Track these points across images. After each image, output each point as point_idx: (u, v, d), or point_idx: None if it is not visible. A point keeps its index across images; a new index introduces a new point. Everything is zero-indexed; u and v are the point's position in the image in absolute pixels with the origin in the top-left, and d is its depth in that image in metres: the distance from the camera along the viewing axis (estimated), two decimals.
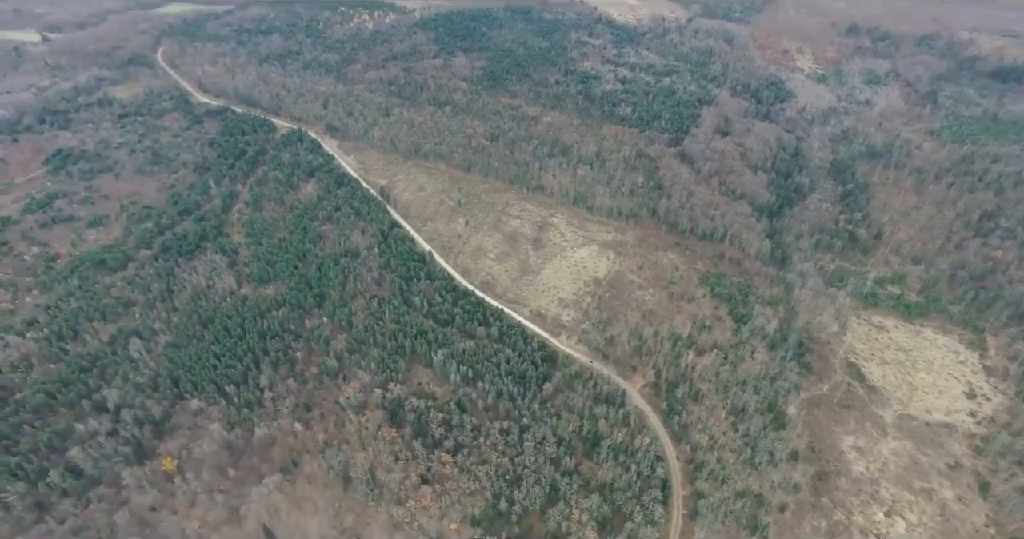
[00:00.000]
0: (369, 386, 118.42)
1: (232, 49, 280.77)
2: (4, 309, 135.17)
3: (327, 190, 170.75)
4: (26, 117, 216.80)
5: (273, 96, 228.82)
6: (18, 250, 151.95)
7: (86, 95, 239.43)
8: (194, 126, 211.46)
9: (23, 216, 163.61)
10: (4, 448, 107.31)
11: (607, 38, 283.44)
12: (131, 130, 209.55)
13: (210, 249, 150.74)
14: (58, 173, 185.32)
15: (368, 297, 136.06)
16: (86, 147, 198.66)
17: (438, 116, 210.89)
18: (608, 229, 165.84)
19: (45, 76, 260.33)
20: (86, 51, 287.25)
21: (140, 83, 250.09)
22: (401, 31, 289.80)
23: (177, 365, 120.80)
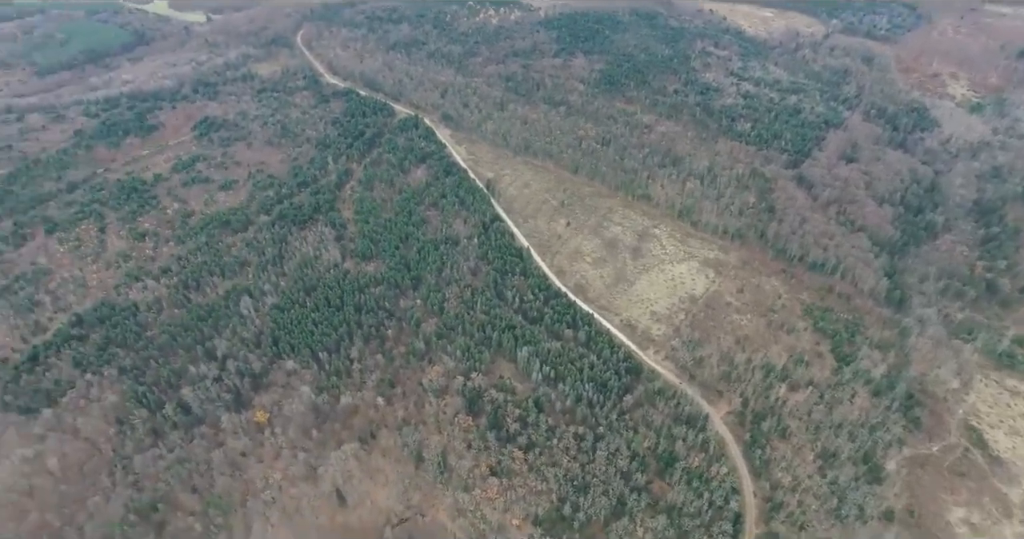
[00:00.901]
0: (452, 372, 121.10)
1: (363, 35, 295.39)
2: (147, 255, 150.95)
3: (436, 177, 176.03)
4: (184, 87, 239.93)
5: (395, 82, 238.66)
6: (163, 205, 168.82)
7: (233, 70, 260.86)
8: (321, 105, 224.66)
9: (171, 175, 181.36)
10: (134, 377, 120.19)
11: (733, 50, 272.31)
12: (266, 104, 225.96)
13: (321, 221, 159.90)
14: (202, 139, 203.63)
15: (462, 285, 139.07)
16: (227, 117, 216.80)
17: (551, 115, 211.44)
18: (711, 247, 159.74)
19: (204, 52, 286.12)
20: (239, 31, 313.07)
21: (279, 62, 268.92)
22: (524, 28, 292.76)
23: (279, 326, 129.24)
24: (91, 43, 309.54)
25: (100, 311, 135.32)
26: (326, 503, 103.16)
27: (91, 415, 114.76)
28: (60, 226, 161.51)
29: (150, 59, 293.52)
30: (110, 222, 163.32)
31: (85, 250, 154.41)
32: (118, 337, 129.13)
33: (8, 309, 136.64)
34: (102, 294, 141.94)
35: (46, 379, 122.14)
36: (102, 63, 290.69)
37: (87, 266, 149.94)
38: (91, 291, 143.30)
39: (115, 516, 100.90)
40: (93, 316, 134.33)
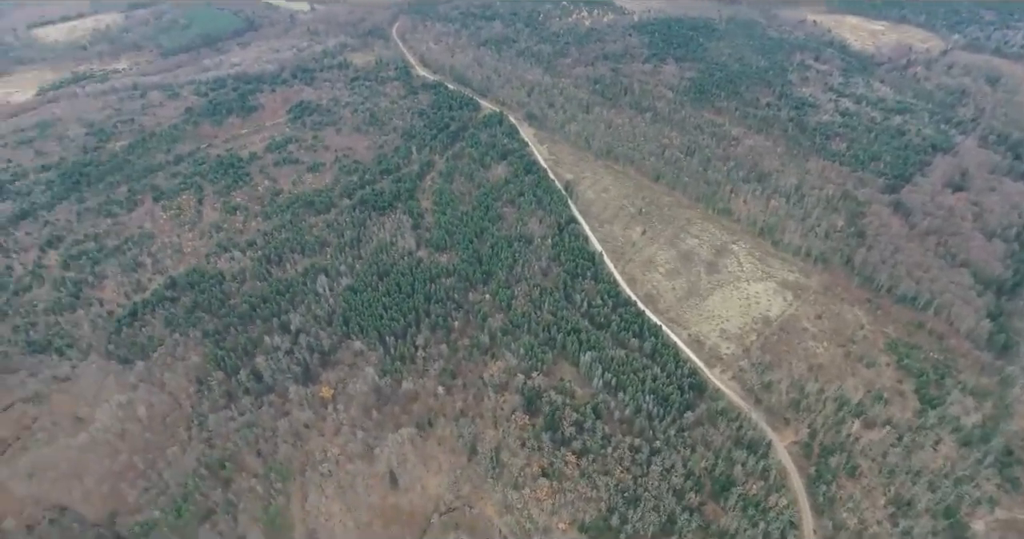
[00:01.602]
0: (513, 369, 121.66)
1: (456, 30, 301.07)
2: (236, 228, 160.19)
3: (515, 174, 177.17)
4: (284, 72, 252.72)
5: (483, 78, 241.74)
6: (255, 182, 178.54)
7: (330, 58, 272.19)
8: (409, 96, 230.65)
9: (264, 154, 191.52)
10: (215, 341, 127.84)
11: (835, 64, 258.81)
12: (358, 92, 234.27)
13: (400, 209, 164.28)
14: (296, 122, 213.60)
15: (532, 284, 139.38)
16: (321, 102, 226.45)
17: (636, 121, 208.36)
18: (791, 269, 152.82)
19: (305, 39, 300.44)
20: (338, 21, 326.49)
21: (374, 52, 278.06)
22: (616, 32, 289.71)
23: (351, 307, 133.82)
24: (208, 28, 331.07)
25: (191, 276, 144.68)
26: (379, 483, 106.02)
27: (176, 372, 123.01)
28: (165, 195, 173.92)
29: (256, 44, 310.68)
30: (207, 194, 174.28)
31: (184, 219, 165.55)
32: (204, 302, 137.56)
33: (117, 267, 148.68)
34: (194, 261, 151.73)
35: (142, 334, 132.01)
36: (215, 47, 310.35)
37: (184, 234, 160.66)
38: (186, 257, 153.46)
39: (189, 467, 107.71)
40: (185, 280, 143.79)
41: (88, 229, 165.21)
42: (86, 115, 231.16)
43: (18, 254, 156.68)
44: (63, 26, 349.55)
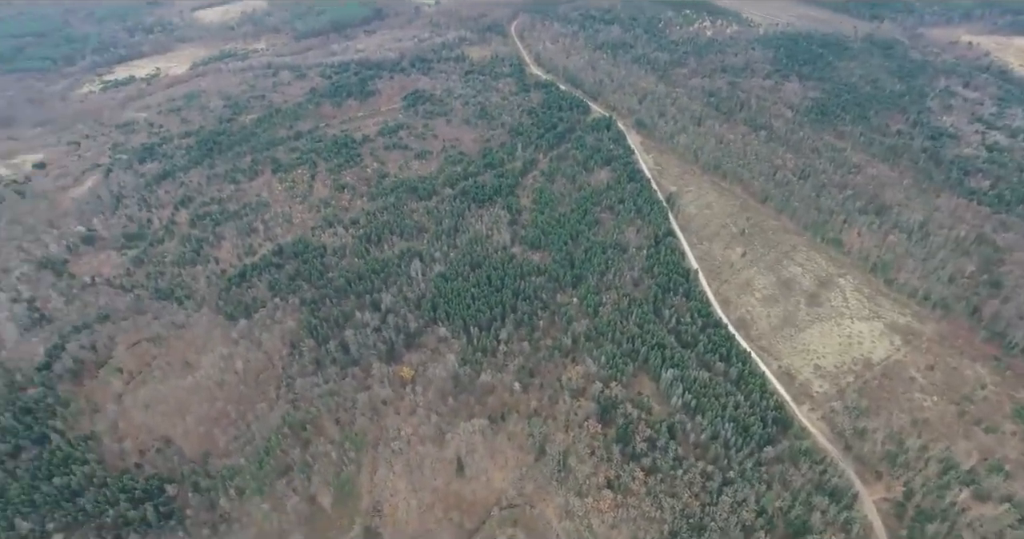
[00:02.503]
0: (592, 376, 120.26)
1: (573, 32, 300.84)
2: (342, 205, 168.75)
3: (617, 181, 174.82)
4: (404, 61, 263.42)
5: (596, 82, 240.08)
6: (365, 163, 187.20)
7: (448, 50, 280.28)
8: (521, 93, 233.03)
9: (376, 137, 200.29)
10: (311, 310, 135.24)
11: (988, 92, 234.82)
12: (471, 86, 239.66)
13: (499, 204, 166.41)
14: (409, 109, 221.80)
15: (621, 294, 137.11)
16: (434, 92, 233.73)
17: (749, 138, 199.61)
18: (904, 311, 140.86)
19: (427, 31, 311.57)
20: (460, 15, 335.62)
21: (490, 48, 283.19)
22: (739, 44, 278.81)
23: (440, 293, 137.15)
24: (339, 15, 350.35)
25: (297, 246, 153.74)
26: (446, 468, 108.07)
27: (273, 334, 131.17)
28: (283, 168, 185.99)
29: (381, 33, 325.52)
30: (320, 171, 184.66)
31: (296, 191, 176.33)
32: (305, 272, 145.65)
33: (234, 230, 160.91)
34: (301, 232, 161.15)
35: (247, 295, 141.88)
36: (344, 33, 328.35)
37: (295, 206, 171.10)
38: (294, 228, 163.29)
39: (274, 424, 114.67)
40: (291, 249, 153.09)
41: (214, 193, 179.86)
42: (226, 89, 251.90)
43: (157, 210, 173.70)
44: (219, 9, 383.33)
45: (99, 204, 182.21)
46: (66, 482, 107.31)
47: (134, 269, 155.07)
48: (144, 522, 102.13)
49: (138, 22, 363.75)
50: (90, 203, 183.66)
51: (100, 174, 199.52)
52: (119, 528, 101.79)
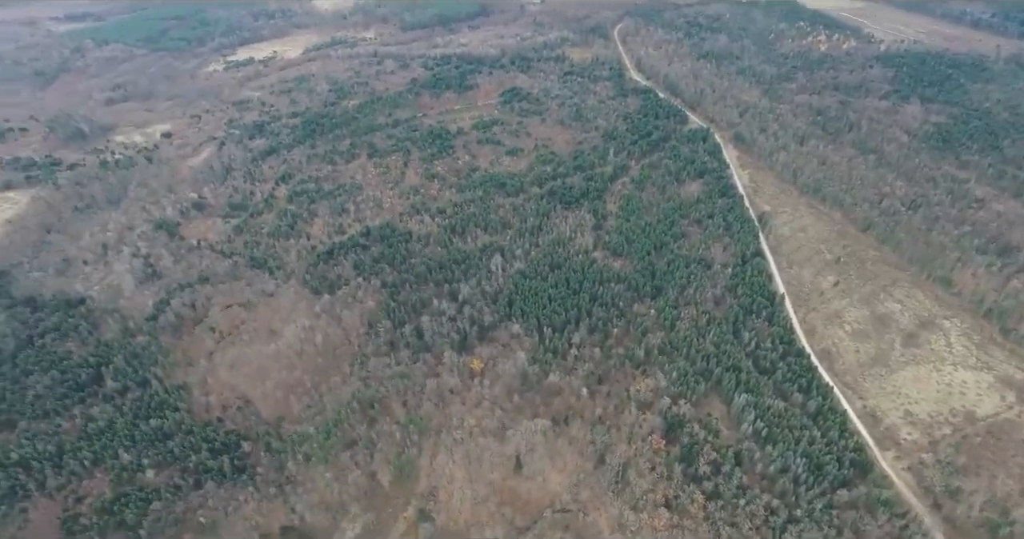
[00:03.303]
0: (661, 391, 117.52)
1: (678, 39, 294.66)
2: (431, 194, 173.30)
3: (709, 195, 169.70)
4: (504, 58, 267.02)
5: (696, 91, 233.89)
6: (457, 155, 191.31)
7: (549, 50, 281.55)
8: (618, 98, 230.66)
9: (470, 131, 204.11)
10: (390, 293, 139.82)
11: None
12: (568, 87, 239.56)
13: (585, 207, 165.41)
14: (505, 106, 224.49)
15: (700, 310, 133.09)
16: (532, 91, 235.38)
17: (856, 162, 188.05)
18: (1022, 366, 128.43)
19: (529, 29, 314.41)
20: (564, 15, 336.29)
21: (592, 50, 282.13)
22: (855, 61, 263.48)
23: (517, 290, 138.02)
24: (446, 9, 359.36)
25: (384, 230, 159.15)
26: (504, 463, 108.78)
27: (353, 311, 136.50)
28: (378, 153, 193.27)
29: (485, 29, 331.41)
30: (413, 159, 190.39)
31: (389, 177, 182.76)
32: (389, 256, 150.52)
33: (327, 209, 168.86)
34: (389, 217, 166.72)
35: (333, 272, 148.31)
36: (449, 27, 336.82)
37: (386, 190, 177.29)
38: (383, 212, 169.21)
39: (344, 398, 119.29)
40: (378, 232, 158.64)
41: (313, 172, 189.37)
42: (333, 74, 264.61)
43: (260, 183, 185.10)
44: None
45: (211, 174, 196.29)
46: (160, 425, 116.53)
47: (234, 237, 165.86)
48: (220, 472, 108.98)
49: (262, 8, 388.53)
50: (203, 172, 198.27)
51: (215, 146, 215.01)
52: (199, 474, 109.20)
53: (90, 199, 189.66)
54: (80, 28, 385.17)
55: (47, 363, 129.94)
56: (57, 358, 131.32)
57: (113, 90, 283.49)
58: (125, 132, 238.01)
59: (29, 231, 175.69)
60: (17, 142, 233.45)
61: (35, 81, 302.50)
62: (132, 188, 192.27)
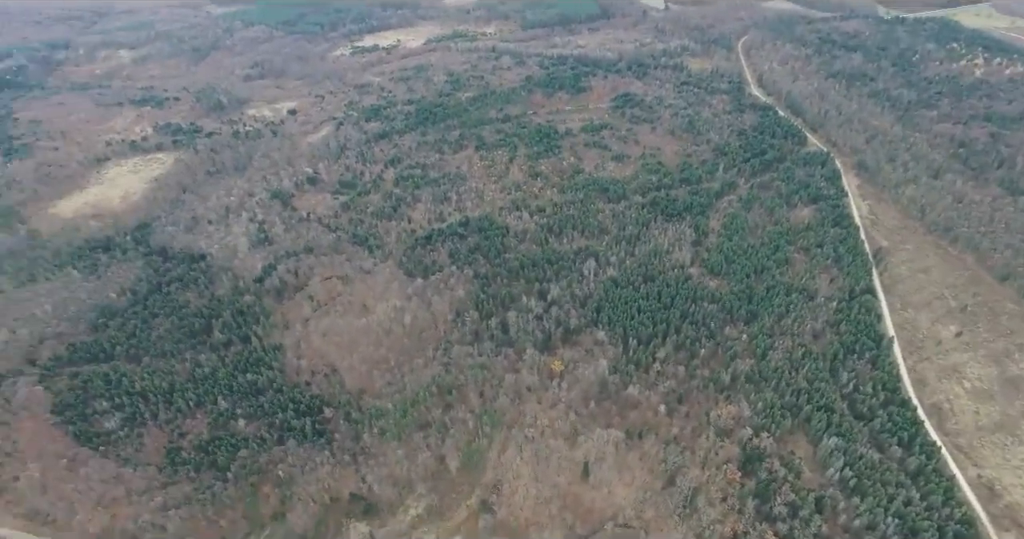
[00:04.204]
0: (743, 420, 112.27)
1: (806, 55, 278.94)
2: (532, 192, 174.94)
3: (820, 223, 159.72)
4: (621, 62, 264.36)
5: (820, 112, 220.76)
6: (562, 156, 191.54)
7: (667, 58, 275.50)
8: (734, 112, 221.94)
9: (578, 133, 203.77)
10: (481, 284, 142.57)
11: None
12: (683, 97, 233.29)
13: (686, 222, 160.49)
14: (616, 111, 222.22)
15: (796, 342, 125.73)
16: (645, 98, 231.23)
17: (1001, 203, 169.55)
18: None
19: (650, 35, 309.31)
20: (687, 23, 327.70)
21: (712, 61, 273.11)
22: (1018, 89, 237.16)
23: (607, 297, 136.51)
24: (568, 10, 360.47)
25: (482, 222, 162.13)
26: (571, 468, 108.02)
27: (443, 298, 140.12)
28: (485, 146, 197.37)
29: (604, 32, 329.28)
30: (519, 156, 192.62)
31: (493, 171, 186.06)
32: (484, 248, 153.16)
33: (430, 196, 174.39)
34: (489, 210, 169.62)
35: (428, 257, 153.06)
36: (568, 27, 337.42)
37: (489, 184, 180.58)
38: (483, 204, 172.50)
39: (424, 381, 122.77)
40: (476, 224, 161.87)
41: (420, 158, 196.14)
42: (450, 66, 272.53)
43: (370, 165, 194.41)
44: None
45: (327, 151, 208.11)
46: (255, 380, 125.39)
47: (341, 213, 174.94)
48: (302, 432, 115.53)
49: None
50: (320, 149, 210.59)
51: (333, 126, 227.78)
52: (283, 431, 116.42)
53: (221, 165, 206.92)
54: (232, 11, 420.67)
55: (169, 309, 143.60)
56: (177, 306, 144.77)
57: (252, 67, 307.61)
58: (257, 106, 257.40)
59: (169, 189, 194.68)
60: (171, 110, 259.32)
61: (191, 56, 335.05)
62: (256, 158, 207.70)
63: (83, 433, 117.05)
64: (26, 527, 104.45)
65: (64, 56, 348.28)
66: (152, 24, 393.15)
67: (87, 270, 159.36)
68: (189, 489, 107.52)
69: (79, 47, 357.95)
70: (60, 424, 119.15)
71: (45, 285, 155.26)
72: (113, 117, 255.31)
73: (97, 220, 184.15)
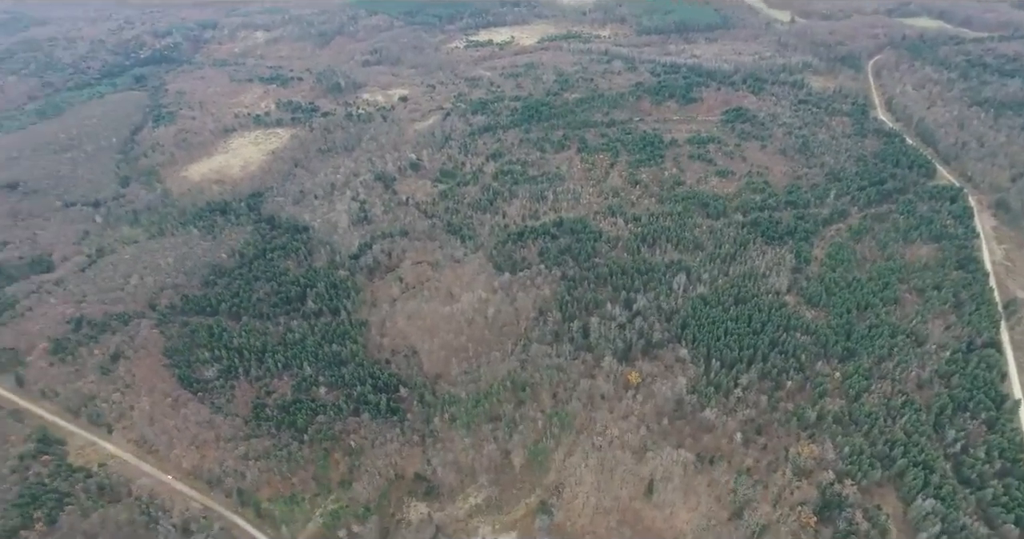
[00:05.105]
0: (826, 463, 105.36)
1: (948, 79, 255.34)
2: (630, 200, 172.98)
3: (941, 264, 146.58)
4: (736, 75, 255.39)
5: (957, 143, 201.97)
6: (664, 166, 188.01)
7: (787, 74, 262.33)
8: (855, 137, 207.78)
9: (683, 144, 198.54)
10: (567, 286, 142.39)
11: None
12: (800, 116, 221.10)
13: (788, 247, 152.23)
14: (725, 125, 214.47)
15: (897, 389, 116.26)
16: (758, 114, 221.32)
17: None
18: None
19: (770, 49, 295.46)
20: (813, 38, 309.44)
21: (836, 80, 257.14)
22: None
23: (694, 314, 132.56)
24: (686, 17, 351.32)
25: (576, 224, 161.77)
26: (636, 483, 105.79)
27: (528, 295, 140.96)
28: (588, 149, 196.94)
29: (722, 42, 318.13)
30: (620, 161, 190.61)
31: (592, 174, 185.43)
32: (575, 250, 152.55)
33: (527, 193, 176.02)
34: (584, 213, 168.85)
35: (518, 253, 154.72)
36: (685, 36, 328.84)
37: (587, 187, 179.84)
38: (579, 206, 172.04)
39: (499, 375, 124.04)
40: (569, 225, 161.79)
41: (522, 154, 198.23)
42: (560, 66, 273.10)
43: (471, 157, 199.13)
44: None
45: (431, 140, 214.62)
46: (339, 351, 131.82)
47: (439, 201, 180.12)
48: (376, 407, 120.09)
49: None
50: (425, 137, 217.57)
51: (440, 116, 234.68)
52: (359, 403, 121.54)
53: (332, 144, 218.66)
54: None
55: (270, 274, 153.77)
56: (278, 272, 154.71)
57: (370, 54, 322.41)
58: (371, 91, 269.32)
59: (283, 162, 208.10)
60: (294, 88, 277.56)
61: (317, 40, 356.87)
62: (365, 140, 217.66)
63: (186, 378, 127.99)
64: (136, 452, 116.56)
65: (211, 35, 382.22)
66: (287, 9, 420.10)
67: (205, 230, 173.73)
68: (269, 444, 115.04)
69: (224, 27, 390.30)
70: (169, 366, 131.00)
71: (170, 239, 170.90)
72: (243, 92, 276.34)
73: (219, 185, 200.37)
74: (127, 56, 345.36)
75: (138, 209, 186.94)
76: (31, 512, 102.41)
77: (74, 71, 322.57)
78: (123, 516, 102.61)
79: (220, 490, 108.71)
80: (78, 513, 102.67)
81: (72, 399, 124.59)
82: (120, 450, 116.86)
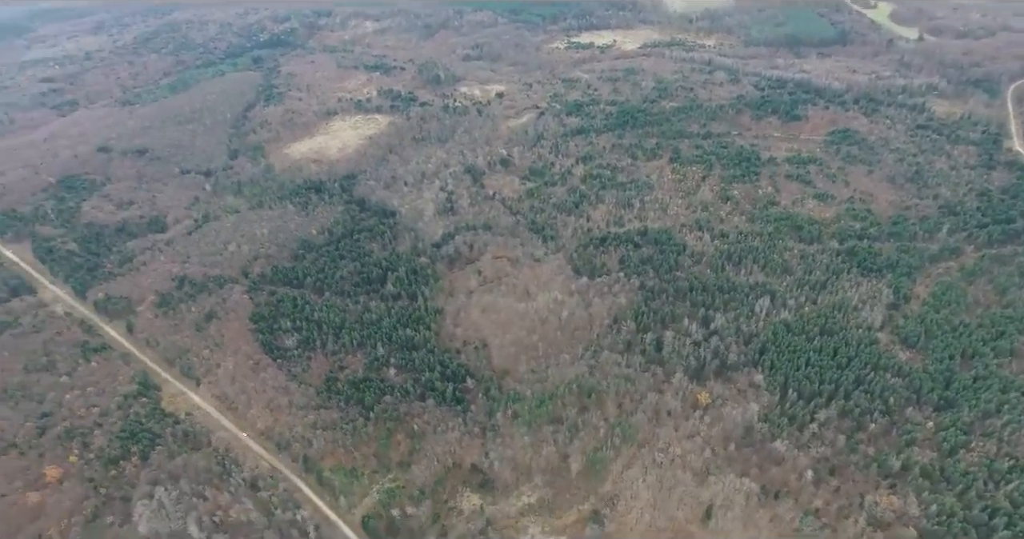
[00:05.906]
0: (906, 517, 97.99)
1: None
2: (719, 216, 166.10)
3: None
4: (848, 94, 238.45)
5: None
6: (760, 184, 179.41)
7: (906, 96, 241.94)
8: (980, 168, 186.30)
9: (781, 163, 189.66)
10: (644, 296, 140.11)
11: None
12: (916, 142, 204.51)
13: (886, 280, 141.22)
14: (830, 146, 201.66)
15: (1002, 451, 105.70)
16: (868, 137, 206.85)
17: None
18: None
19: (890, 68, 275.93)
20: (942, 59, 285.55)
21: (965, 105, 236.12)
22: None
23: (775, 340, 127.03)
24: (799, 30, 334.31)
25: (660, 235, 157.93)
26: (694, 506, 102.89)
27: (604, 302, 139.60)
28: (680, 160, 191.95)
29: (836, 58, 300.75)
30: (713, 175, 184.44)
31: (683, 186, 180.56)
32: (657, 261, 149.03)
33: (613, 198, 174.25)
34: (670, 224, 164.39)
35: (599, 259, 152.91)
36: (795, 50, 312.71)
37: (676, 198, 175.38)
38: (665, 217, 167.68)
39: (566, 377, 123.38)
40: (654, 236, 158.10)
41: (612, 160, 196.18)
42: (660, 73, 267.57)
43: (562, 158, 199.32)
44: None
45: (523, 138, 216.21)
46: (412, 336, 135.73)
47: (525, 199, 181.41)
48: (442, 395, 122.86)
49: None
50: (518, 135, 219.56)
51: (535, 114, 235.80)
52: (426, 389, 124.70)
53: (427, 133, 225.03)
54: None
55: (355, 254, 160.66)
56: (362, 253, 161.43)
57: (472, 49, 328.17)
58: (469, 85, 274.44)
59: (379, 148, 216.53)
60: (395, 77, 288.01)
61: (422, 32, 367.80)
62: (459, 133, 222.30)
63: (268, 344, 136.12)
64: (218, 407, 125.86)
65: (324, 22, 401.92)
66: (396, 1, 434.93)
67: (299, 206, 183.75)
68: (336, 416, 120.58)
69: (337, 15, 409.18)
70: (254, 331, 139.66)
71: (267, 212, 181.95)
72: (348, 78, 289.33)
73: (316, 165, 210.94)
74: (249, 38, 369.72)
75: (243, 181, 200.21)
76: (130, 446, 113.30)
77: (203, 51, 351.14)
78: (202, 463, 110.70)
79: (288, 454, 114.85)
80: (166, 454, 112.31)
81: (170, 350, 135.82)
82: (205, 403, 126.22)
